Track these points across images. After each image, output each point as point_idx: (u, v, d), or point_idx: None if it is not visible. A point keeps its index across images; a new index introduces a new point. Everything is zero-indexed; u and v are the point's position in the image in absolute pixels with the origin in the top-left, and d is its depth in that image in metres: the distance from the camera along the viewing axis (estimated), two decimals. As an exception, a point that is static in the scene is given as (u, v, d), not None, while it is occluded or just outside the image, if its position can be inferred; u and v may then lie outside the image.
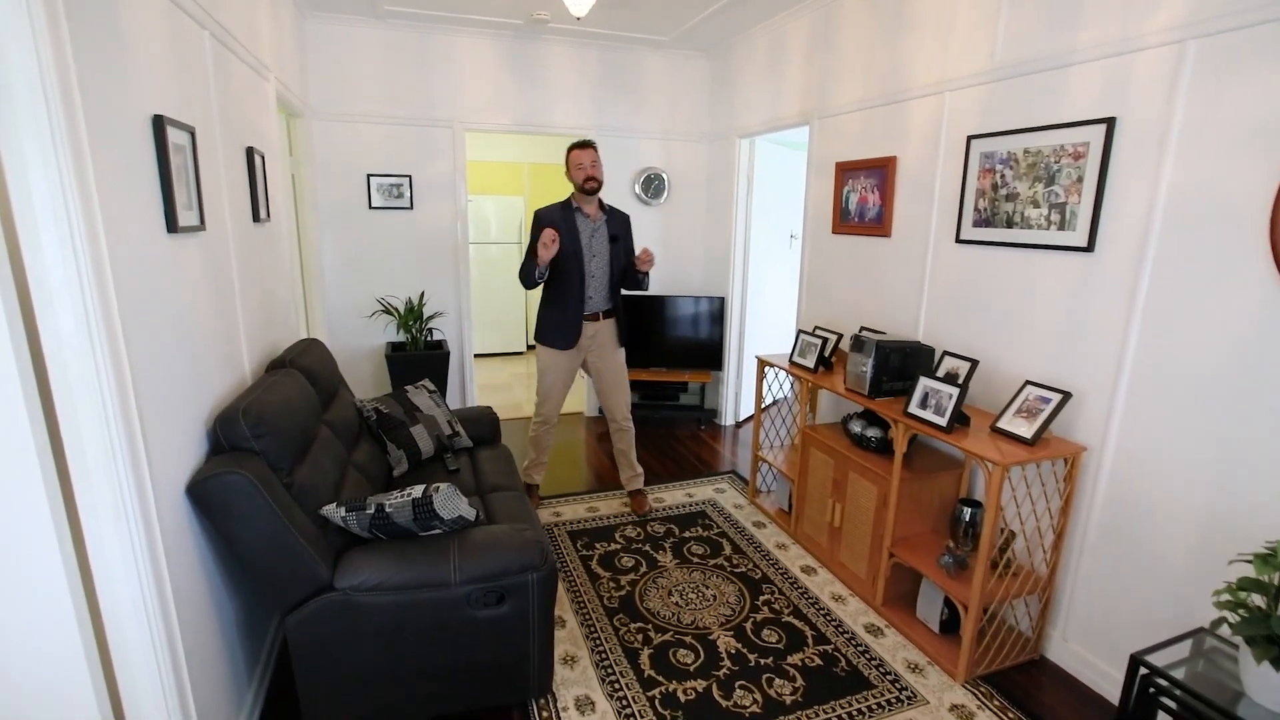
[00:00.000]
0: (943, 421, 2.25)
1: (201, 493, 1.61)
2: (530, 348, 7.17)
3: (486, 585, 1.86)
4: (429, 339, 4.19)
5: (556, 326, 3.08)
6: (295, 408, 2.00)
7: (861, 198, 3.18)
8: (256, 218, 2.41)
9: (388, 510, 1.87)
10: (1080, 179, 2.14)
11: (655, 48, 4.41)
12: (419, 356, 4.03)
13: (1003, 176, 2.42)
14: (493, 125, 4.25)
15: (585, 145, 3.00)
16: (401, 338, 4.17)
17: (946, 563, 2.33)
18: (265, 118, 2.65)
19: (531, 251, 2.92)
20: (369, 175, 4.03)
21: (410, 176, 4.11)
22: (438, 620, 1.84)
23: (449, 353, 4.14)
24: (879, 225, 3.07)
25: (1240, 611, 1.51)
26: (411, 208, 4.14)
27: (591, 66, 4.36)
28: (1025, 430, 2.17)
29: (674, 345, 4.65)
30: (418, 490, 1.91)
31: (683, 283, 4.92)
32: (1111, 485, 2.12)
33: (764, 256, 4.62)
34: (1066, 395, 2.13)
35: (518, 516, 2.35)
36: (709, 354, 4.63)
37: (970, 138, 2.53)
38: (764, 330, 4.75)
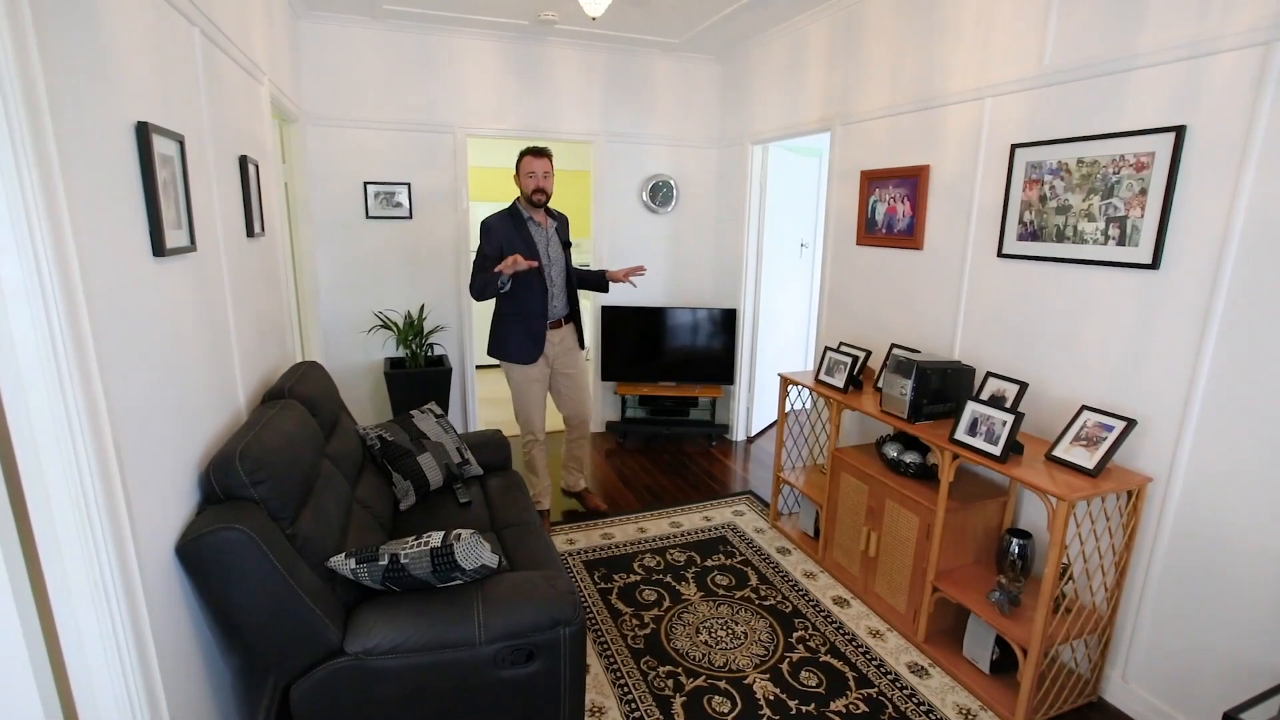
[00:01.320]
0: (996, 450, 2.10)
1: (194, 553, 1.41)
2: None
3: (515, 643, 1.67)
4: (430, 354, 3.99)
5: (522, 339, 2.99)
6: (297, 445, 1.81)
7: (890, 208, 3.03)
8: (251, 233, 2.21)
9: (403, 561, 1.68)
10: (1144, 191, 2.00)
11: (665, 51, 4.25)
12: (420, 374, 3.83)
13: (1052, 188, 2.27)
14: (496, 131, 4.06)
15: (541, 153, 2.89)
16: (401, 354, 3.97)
17: (997, 599, 2.18)
18: (259, 124, 2.45)
19: (480, 266, 2.87)
20: (366, 183, 3.82)
21: (409, 184, 3.91)
22: (461, 683, 1.66)
23: (451, 369, 3.94)
24: (910, 237, 2.92)
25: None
26: (410, 217, 3.94)
27: (599, 70, 4.19)
28: (1086, 460, 2.02)
29: (683, 359, 4.48)
30: (436, 538, 1.72)
31: (693, 294, 4.76)
32: (1180, 519, 1.98)
33: (775, 266, 4.47)
34: (1131, 423, 1.99)
35: (538, 556, 2.17)
36: (720, 367, 4.47)
37: (1015, 146, 2.38)
38: (776, 342, 4.60)
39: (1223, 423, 1.86)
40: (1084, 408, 2.12)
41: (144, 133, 1.34)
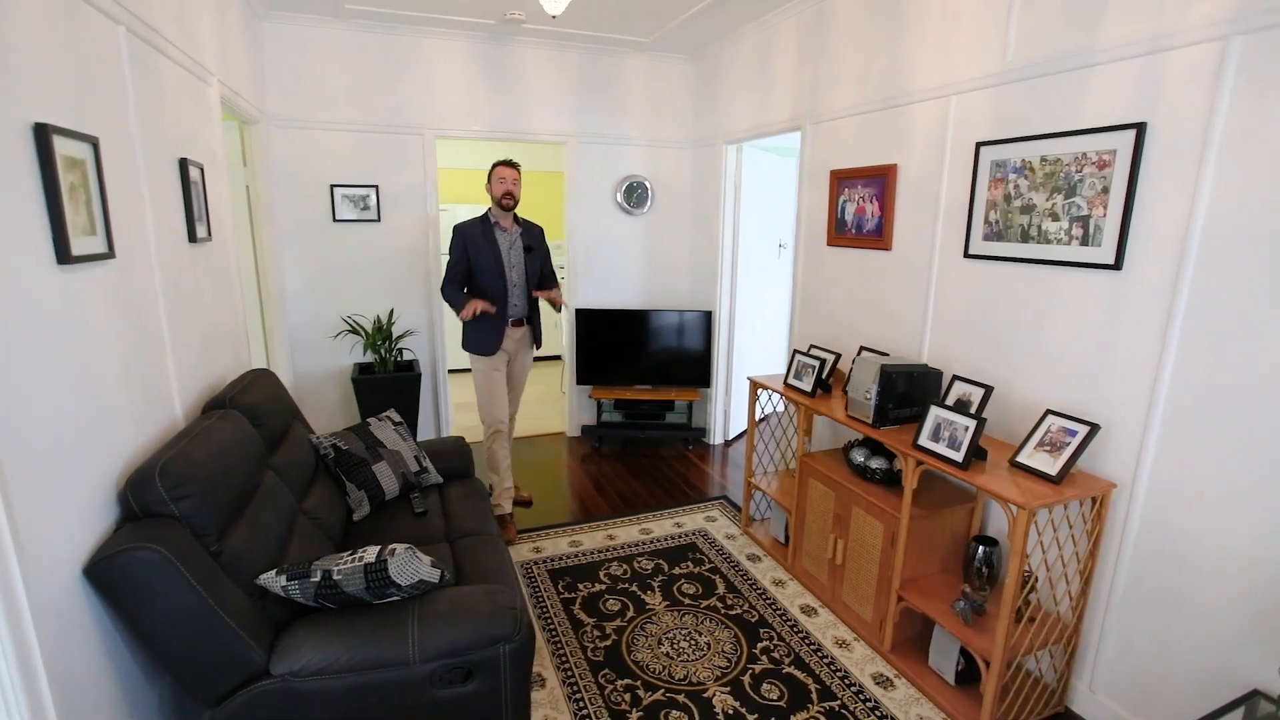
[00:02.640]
0: (958, 457, 2.05)
1: (103, 574, 1.35)
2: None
3: (451, 662, 1.61)
4: (399, 359, 3.93)
5: (483, 334, 3.20)
6: (230, 458, 1.74)
7: (859, 208, 2.98)
8: (193, 237, 2.15)
9: (336, 578, 1.62)
10: (1106, 190, 1.95)
11: (637, 50, 4.20)
12: (388, 379, 3.77)
13: (1016, 187, 2.22)
14: (466, 132, 4.00)
15: (512, 165, 3.18)
16: (370, 359, 3.90)
17: (962, 609, 2.12)
18: (206, 126, 2.39)
19: (451, 267, 3.13)
20: (333, 186, 3.76)
21: (377, 186, 3.85)
22: (396, 704, 1.60)
23: (420, 374, 3.88)
24: (878, 238, 2.87)
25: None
26: (379, 220, 3.88)
27: (571, 70, 4.14)
28: (1049, 466, 1.97)
29: (659, 361, 4.43)
30: (371, 553, 1.66)
31: (669, 296, 4.71)
32: (1145, 526, 1.93)
33: (753, 267, 4.41)
34: (1095, 427, 1.94)
35: (490, 568, 2.11)
36: (696, 370, 4.41)
37: (979, 144, 2.34)
38: (754, 344, 4.55)
39: (1185, 428, 1.81)
40: (1049, 412, 2.07)
41: (43, 135, 1.27)
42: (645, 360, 4.42)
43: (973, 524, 2.42)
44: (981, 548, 2.18)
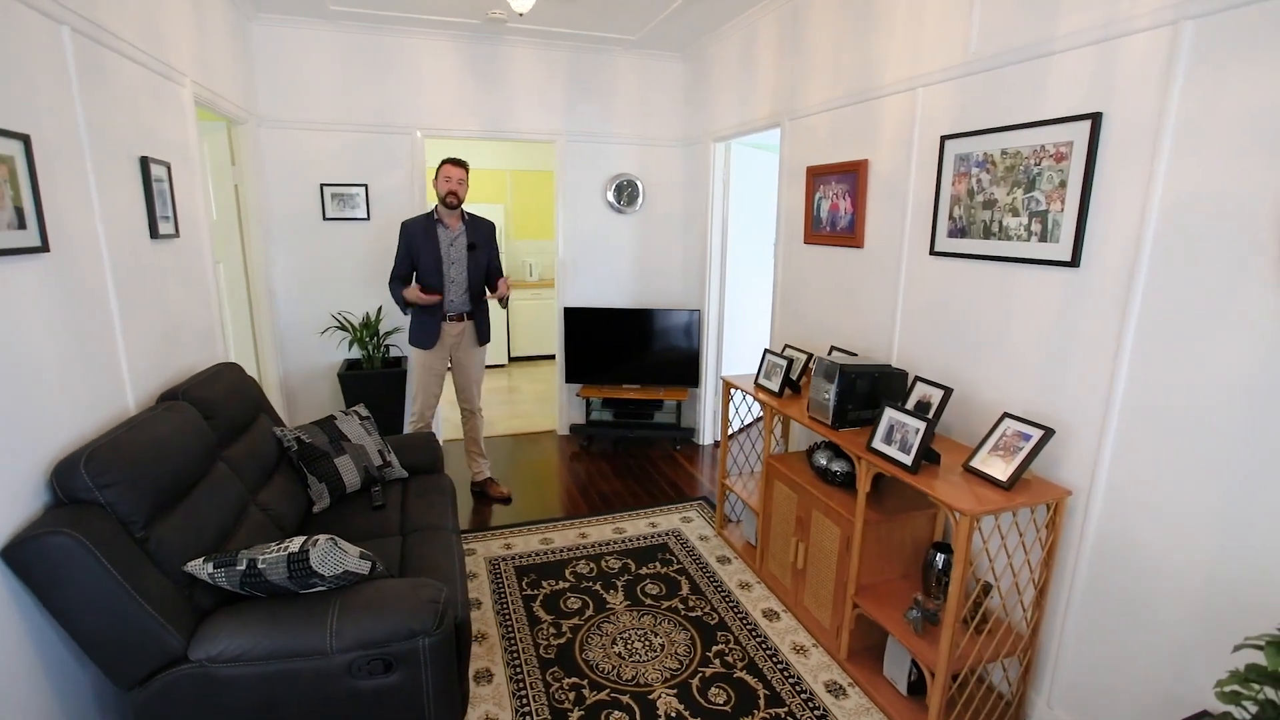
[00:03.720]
0: (907, 460, 1.99)
1: (17, 557, 1.39)
2: (513, 360, 6.95)
3: (369, 653, 1.62)
4: (386, 355, 3.98)
5: (421, 328, 3.30)
6: (168, 448, 1.78)
7: (833, 205, 2.92)
8: (155, 234, 2.20)
9: (260, 567, 1.64)
10: (1063, 183, 1.88)
11: (626, 48, 4.18)
12: (374, 375, 3.82)
13: (979, 181, 2.15)
14: (455, 131, 4.04)
15: (459, 164, 3.21)
16: (358, 355, 3.96)
17: (914, 617, 2.06)
18: (175, 125, 2.45)
19: (396, 274, 3.26)
20: (323, 185, 3.83)
21: (366, 186, 3.91)
22: (315, 693, 1.61)
23: (406, 370, 3.92)
24: (851, 235, 2.81)
25: (1248, 705, 1.24)
26: (368, 218, 3.94)
27: (560, 69, 4.14)
28: (1000, 471, 1.89)
29: (648, 361, 4.40)
30: (296, 543, 1.68)
31: (660, 295, 4.68)
32: (1101, 536, 1.84)
33: (746, 267, 4.36)
34: (1048, 432, 1.86)
35: (434, 563, 2.12)
36: (685, 370, 4.38)
37: (944, 138, 2.27)
38: (744, 344, 4.49)
39: (1141, 433, 1.72)
40: (1005, 415, 2.00)
41: (-39, 131, 1.32)
42: (634, 359, 4.40)
43: (935, 530, 2.35)
44: (940, 555, 2.12)
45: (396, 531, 2.37)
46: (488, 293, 3.41)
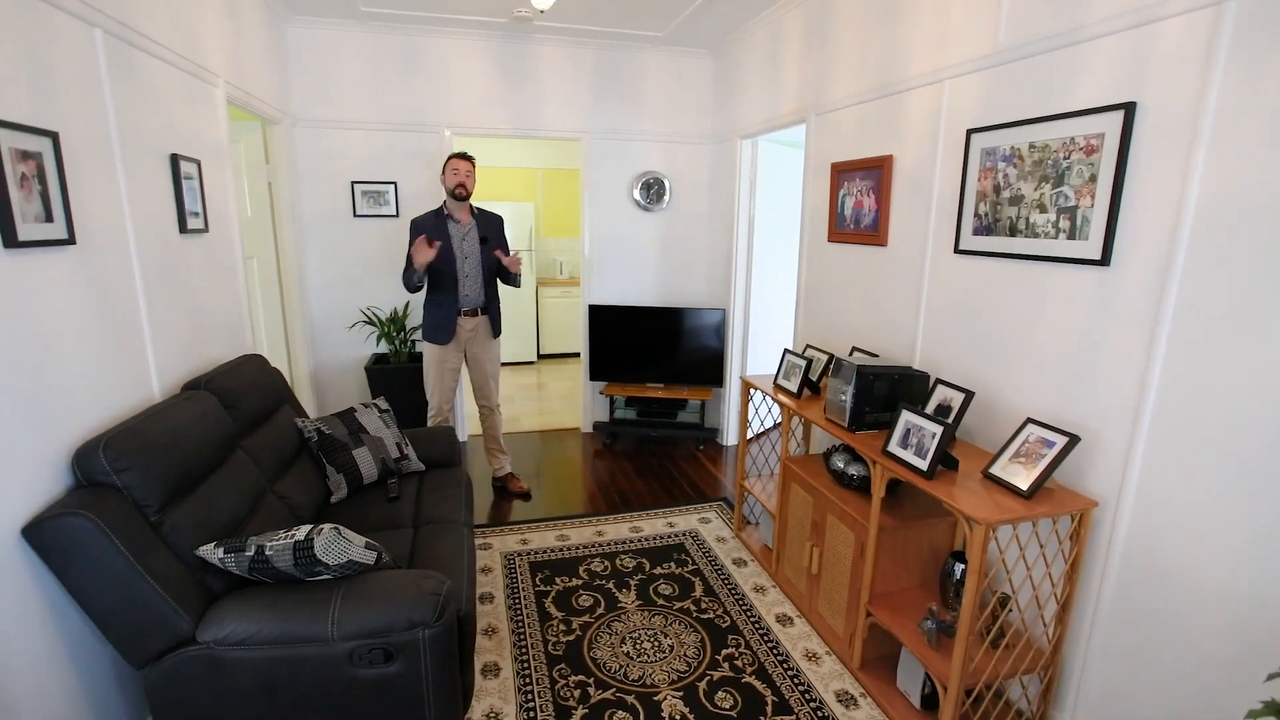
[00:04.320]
0: (923, 465, 1.92)
1: (37, 535, 1.45)
2: (542, 357, 7.00)
3: (370, 642, 1.64)
4: (412, 350, 4.05)
5: (436, 323, 3.30)
6: (186, 436, 1.84)
7: (857, 202, 2.84)
8: (184, 228, 2.28)
9: (268, 554, 1.68)
10: (1094, 177, 1.78)
11: (654, 45, 4.16)
12: (400, 369, 3.89)
13: (1005, 176, 2.06)
14: (483, 130, 4.08)
15: (465, 158, 3.24)
16: (385, 349, 4.04)
17: (928, 628, 1.99)
18: (207, 124, 2.53)
19: (409, 259, 3.13)
20: (354, 183, 3.92)
21: (396, 183, 3.98)
22: (316, 679, 1.64)
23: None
24: (874, 233, 2.73)
25: (1278, 739, 1.15)
26: (397, 215, 4.02)
27: (586, 66, 4.15)
28: (1021, 480, 1.81)
29: (673, 360, 4.37)
30: (302, 531, 1.71)
31: (686, 294, 4.64)
32: (1129, 550, 1.74)
33: (772, 266, 4.29)
34: (1073, 439, 1.77)
35: (443, 556, 2.14)
36: (710, 369, 4.33)
37: (970, 132, 2.18)
38: (770, 344, 4.42)
39: (1173, 441, 1.62)
40: (1028, 420, 1.91)
41: (-11, 128, 1.38)
42: (658, 358, 4.38)
43: (956, 539, 2.26)
44: (959, 565, 2.04)
45: (409, 523, 2.40)
46: (505, 259, 3.29)
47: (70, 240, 1.65)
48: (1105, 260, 1.76)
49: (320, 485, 2.50)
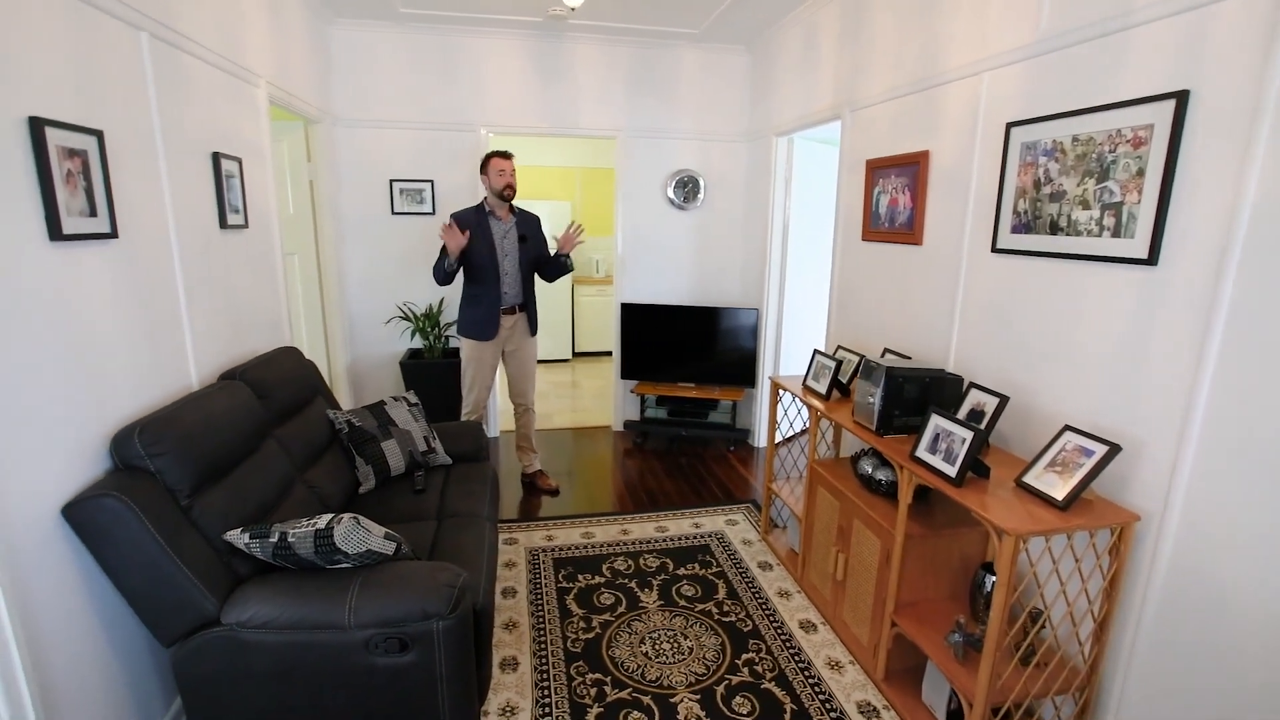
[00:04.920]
0: (951, 471, 1.84)
1: (75, 514, 1.52)
2: (577, 355, 7.04)
3: (385, 631, 1.67)
4: (446, 346, 4.12)
5: (478, 321, 3.31)
6: (218, 423, 1.90)
7: (892, 200, 2.76)
8: (224, 224, 2.37)
9: (290, 540, 1.72)
10: (1141, 171, 1.68)
11: (690, 42, 4.13)
12: (434, 364, 3.96)
13: (1046, 172, 1.97)
14: (519, 128, 4.13)
15: (507, 155, 3.24)
16: (419, 344, 4.12)
17: (955, 641, 1.91)
18: (249, 123, 2.62)
19: (440, 254, 3.16)
20: (391, 181, 4.01)
21: (432, 181, 4.06)
22: (333, 665, 1.68)
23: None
24: (909, 232, 2.64)
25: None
26: (434, 213, 4.09)
27: (621, 64, 4.15)
28: (1057, 490, 1.72)
29: (705, 359, 4.33)
30: (323, 520, 1.75)
31: (719, 293, 4.60)
32: (1174, 568, 1.64)
33: (807, 265, 4.21)
34: (1114, 448, 1.67)
35: (463, 549, 2.16)
36: (742, 370, 4.28)
37: (1010, 125, 2.09)
38: (804, 345, 4.33)
39: (1224, 455, 1.52)
40: (1066, 428, 1.82)
41: (37, 126, 1.45)
42: (690, 357, 4.35)
43: (988, 549, 2.17)
44: (990, 577, 1.96)
45: (433, 516, 2.44)
46: (563, 243, 3.33)
47: (113, 234, 1.72)
48: (1153, 259, 1.66)
49: (349, 476, 2.56)
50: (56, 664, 1.49)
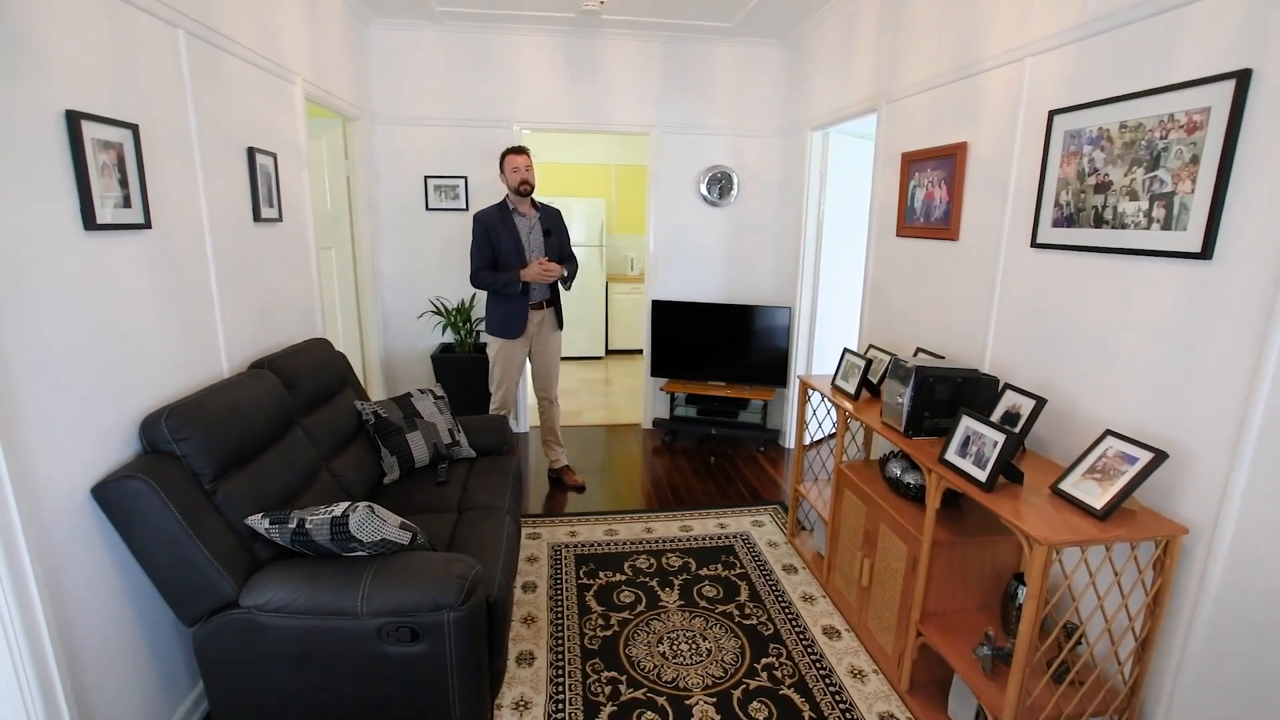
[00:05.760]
0: (981, 476, 1.75)
1: (103, 495, 1.57)
2: (611, 353, 7.04)
3: (396, 620, 1.68)
4: (477, 340, 4.16)
5: (507, 318, 3.32)
6: (244, 411, 1.95)
7: (928, 194, 2.65)
8: (258, 217, 2.43)
9: (308, 527, 1.74)
10: (1195, 159, 1.57)
11: (724, 36, 4.07)
12: (465, 359, 4.01)
13: (1091, 161, 1.85)
14: (552, 124, 4.14)
15: (521, 151, 3.26)
16: (451, 339, 4.17)
17: (983, 654, 1.82)
18: (285, 119, 2.69)
19: (482, 264, 3.25)
20: (426, 177, 4.07)
21: (466, 178, 4.10)
22: (346, 651, 1.69)
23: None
24: (945, 227, 2.54)
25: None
26: (467, 208, 4.14)
27: (655, 59, 4.11)
28: (1096, 498, 1.62)
29: (736, 358, 4.27)
30: (339, 508, 1.77)
31: (751, 291, 4.52)
32: (1226, 585, 1.52)
33: (842, 263, 4.10)
34: (1159, 455, 1.56)
35: (481, 541, 2.17)
36: (774, 369, 4.20)
37: (1052, 113, 1.98)
38: (838, 345, 4.22)
39: (1282, 463, 1.40)
40: (1108, 432, 1.71)
41: (74, 119, 1.50)
42: (721, 356, 4.29)
43: (1021, 559, 2.06)
44: (1022, 588, 1.86)
45: (454, 508, 2.45)
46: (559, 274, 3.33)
47: (146, 225, 1.77)
48: (1206, 253, 1.54)
49: (374, 466, 2.60)
50: (85, 641, 1.54)
